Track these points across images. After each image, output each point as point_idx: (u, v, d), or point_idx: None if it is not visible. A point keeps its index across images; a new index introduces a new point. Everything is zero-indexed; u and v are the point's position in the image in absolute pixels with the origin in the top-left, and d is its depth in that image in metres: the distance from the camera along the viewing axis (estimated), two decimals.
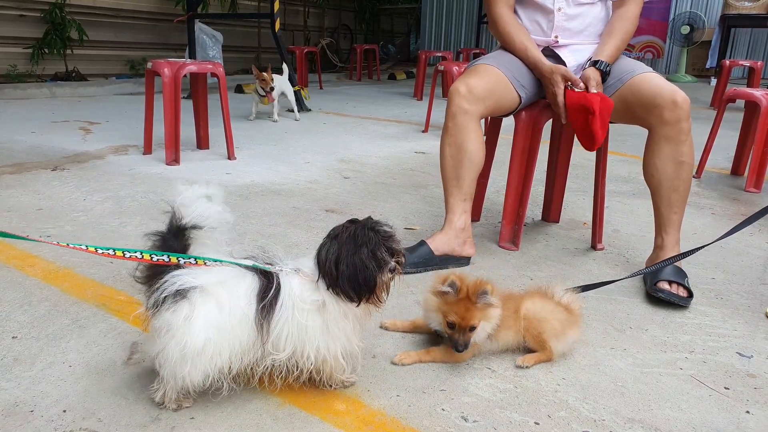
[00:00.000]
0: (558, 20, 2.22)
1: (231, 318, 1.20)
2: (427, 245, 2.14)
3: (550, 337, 1.52)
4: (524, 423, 1.31)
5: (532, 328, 1.53)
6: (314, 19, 13.41)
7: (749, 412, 1.38)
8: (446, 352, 1.53)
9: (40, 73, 7.74)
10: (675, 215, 2.10)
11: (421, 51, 9.09)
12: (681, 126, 1.98)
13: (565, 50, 2.24)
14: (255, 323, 1.21)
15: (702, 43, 11.42)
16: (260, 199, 3.00)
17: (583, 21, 2.22)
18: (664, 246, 2.11)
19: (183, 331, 1.17)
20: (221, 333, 1.19)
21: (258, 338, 1.22)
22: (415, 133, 5.25)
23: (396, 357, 1.53)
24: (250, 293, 1.22)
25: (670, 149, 2.01)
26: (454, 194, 2.17)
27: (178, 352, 1.18)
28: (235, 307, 1.20)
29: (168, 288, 1.18)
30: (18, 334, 1.60)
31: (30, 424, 1.25)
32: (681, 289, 1.93)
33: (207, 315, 1.18)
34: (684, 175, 2.05)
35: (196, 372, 1.20)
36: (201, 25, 7.58)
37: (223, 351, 1.20)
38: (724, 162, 4.13)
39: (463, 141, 2.13)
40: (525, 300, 1.58)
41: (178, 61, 3.83)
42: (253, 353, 1.24)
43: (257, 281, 1.24)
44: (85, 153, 3.94)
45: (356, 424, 1.28)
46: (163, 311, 1.18)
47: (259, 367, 1.27)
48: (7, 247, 2.21)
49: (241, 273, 1.24)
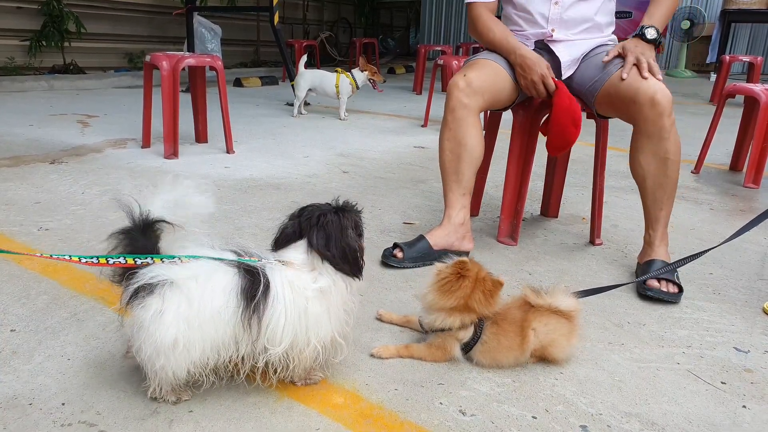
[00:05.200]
0: (554, 12, 2.20)
1: (201, 312, 1.18)
2: (426, 240, 2.14)
3: (558, 355, 1.49)
4: (522, 417, 1.31)
5: (541, 349, 1.49)
6: (313, 13, 13.37)
7: (745, 407, 1.38)
8: (426, 350, 1.51)
9: (38, 66, 7.71)
10: (661, 212, 2.08)
11: (420, 45, 9.06)
12: (662, 123, 1.93)
13: (560, 45, 2.22)
14: (241, 320, 1.20)
15: (702, 39, 11.40)
16: (259, 193, 3.00)
17: (581, 13, 2.20)
18: (651, 242, 2.10)
19: (154, 326, 1.17)
20: (191, 327, 1.18)
21: (245, 334, 1.21)
22: (414, 128, 5.25)
23: (374, 349, 1.52)
24: (228, 287, 1.20)
25: (653, 146, 1.98)
26: (454, 189, 2.17)
27: (151, 347, 1.18)
28: (206, 302, 1.19)
29: (139, 284, 1.17)
30: (16, 327, 1.60)
31: (29, 416, 1.25)
32: (670, 285, 1.92)
33: (177, 309, 1.17)
34: (669, 171, 2.01)
35: (170, 366, 1.19)
36: (200, 18, 7.55)
37: (196, 345, 1.19)
38: (723, 157, 4.13)
39: (462, 135, 2.12)
40: (535, 320, 1.47)
41: (177, 55, 3.81)
42: (234, 349, 1.23)
43: (238, 277, 1.21)
44: (84, 146, 3.93)
45: (354, 417, 1.29)
46: (135, 307, 1.18)
47: (246, 363, 1.26)
48: (5, 240, 2.21)
49: (217, 267, 1.22)
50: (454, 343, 1.49)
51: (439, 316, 1.47)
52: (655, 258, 2.04)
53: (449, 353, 1.50)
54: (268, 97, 7.11)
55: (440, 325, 1.47)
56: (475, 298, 1.44)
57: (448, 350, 1.49)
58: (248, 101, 5.84)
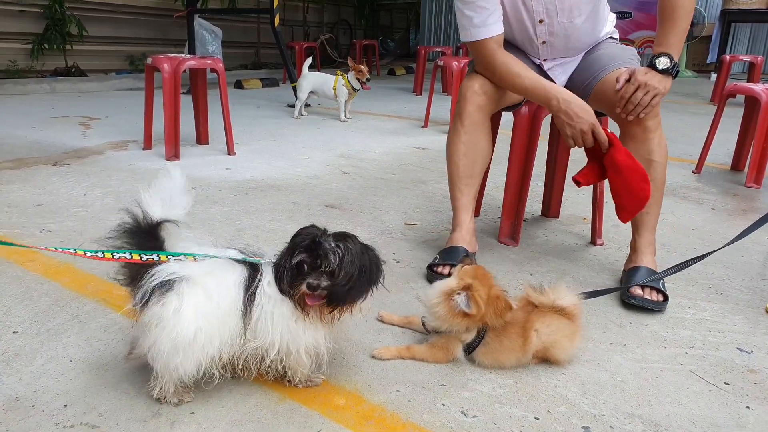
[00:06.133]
0: (543, 52, 2.11)
1: (220, 306, 1.21)
2: (464, 247, 2.07)
3: (560, 356, 1.49)
4: (524, 418, 1.31)
5: (543, 350, 1.48)
6: (313, 15, 13.38)
7: (749, 407, 1.38)
8: (427, 351, 1.51)
9: (40, 69, 7.72)
10: (648, 216, 1.99)
11: (420, 46, 9.06)
12: (645, 123, 1.88)
13: (555, 69, 2.16)
14: (241, 311, 1.23)
15: (702, 38, 11.39)
16: (260, 194, 3.00)
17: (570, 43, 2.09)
18: (637, 248, 2.02)
19: (174, 322, 1.17)
20: (211, 322, 1.20)
21: (243, 326, 1.24)
22: (414, 129, 5.25)
23: (375, 351, 1.52)
24: (238, 282, 1.23)
25: (637, 147, 1.89)
26: (466, 193, 2.13)
27: (169, 344, 1.18)
28: (224, 296, 1.22)
29: (155, 281, 1.18)
30: (19, 329, 1.60)
31: (31, 418, 1.25)
32: (655, 293, 1.85)
33: (197, 304, 1.19)
34: (654, 174, 1.91)
35: (188, 362, 1.20)
36: (200, 20, 7.56)
37: (214, 339, 1.21)
38: (724, 157, 4.12)
39: (478, 139, 2.09)
40: (537, 322, 1.48)
41: (178, 57, 3.82)
42: (239, 341, 1.25)
43: (244, 271, 1.26)
44: (85, 148, 3.93)
45: (356, 419, 1.29)
46: (152, 305, 1.18)
47: (241, 355, 1.28)
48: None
49: (228, 263, 1.26)
50: (457, 344, 1.49)
51: (445, 323, 1.47)
52: (641, 265, 1.97)
53: (451, 354, 1.50)
54: (269, 98, 7.12)
55: (446, 329, 1.48)
56: (488, 315, 1.44)
57: (450, 351, 1.49)
58: (249, 103, 5.85)
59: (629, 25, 11.12)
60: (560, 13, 2.00)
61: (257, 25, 11.14)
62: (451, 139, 2.14)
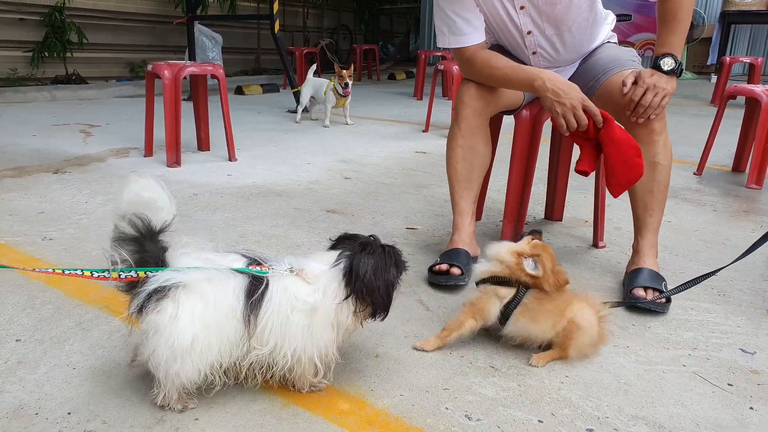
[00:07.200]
0: (535, 62, 2.10)
1: (217, 313, 1.21)
2: (467, 250, 2.08)
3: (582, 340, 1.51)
4: (528, 421, 1.31)
5: (570, 332, 1.50)
6: (313, 20, 13.41)
7: (753, 408, 1.38)
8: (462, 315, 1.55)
9: (41, 77, 7.74)
10: (651, 218, 1.99)
11: (420, 51, 9.07)
12: (652, 125, 1.87)
13: None
14: (242, 317, 1.22)
15: (702, 40, 11.41)
16: (261, 200, 3.01)
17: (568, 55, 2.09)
18: (639, 250, 2.02)
19: (170, 329, 1.17)
20: (208, 328, 1.20)
21: (245, 333, 1.23)
22: (415, 133, 5.26)
23: (417, 343, 1.59)
24: (239, 288, 1.23)
25: (643, 150, 1.83)
26: (465, 197, 2.13)
27: (167, 351, 1.18)
28: (220, 302, 1.21)
29: (150, 289, 1.18)
30: (22, 336, 1.61)
31: (35, 426, 1.25)
32: (657, 295, 1.85)
33: (193, 311, 1.19)
34: (659, 176, 1.92)
35: (186, 369, 1.20)
36: (200, 26, 7.58)
37: (212, 346, 1.21)
38: (726, 159, 4.13)
39: (475, 143, 2.09)
40: (575, 303, 1.53)
41: (178, 63, 3.83)
42: (241, 348, 1.25)
43: (246, 277, 1.25)
44: (86, 156, 3.94)
45: (360, 423, 1.29)
46: (148, 312, 1.18)
47: (244, 362, 1.28)
48: (9, 250, 2.21)
49: (227, 271, 1.25)
50: (495, 302, 1.52)
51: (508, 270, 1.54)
52: (643, 267, 1.96)
53: (486, 313, 1.53)
54: (270, 104, 7.13)
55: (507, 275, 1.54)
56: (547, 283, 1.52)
57: (486, 311, 1.52)
58: (250, 109, 5.86)
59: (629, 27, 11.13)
60: (547, 26, 2.01)
61: (257, 31, 11.17)
62: (449, 143, 2.15)
